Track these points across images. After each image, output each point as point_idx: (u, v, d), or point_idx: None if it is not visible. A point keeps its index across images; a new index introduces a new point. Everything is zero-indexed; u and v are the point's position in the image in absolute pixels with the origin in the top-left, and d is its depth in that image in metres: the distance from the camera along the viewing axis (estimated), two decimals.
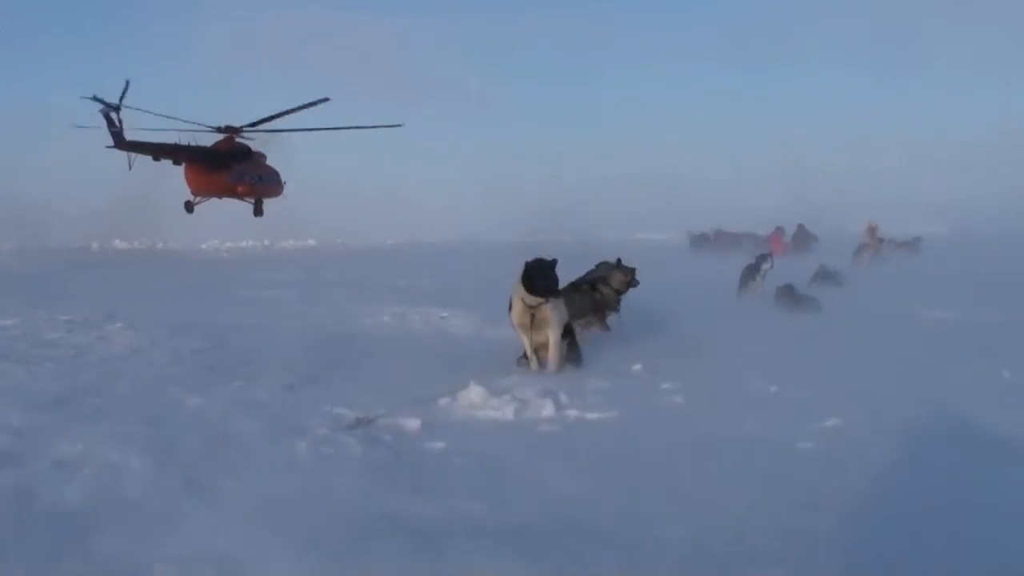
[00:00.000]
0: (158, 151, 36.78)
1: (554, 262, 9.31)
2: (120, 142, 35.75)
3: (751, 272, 17.23)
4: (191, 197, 39.51)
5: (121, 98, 34.99)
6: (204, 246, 61.81)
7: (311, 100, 36.99)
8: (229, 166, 38.08)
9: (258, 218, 40.61)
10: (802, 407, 7.41)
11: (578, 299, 10.90)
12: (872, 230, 32.14)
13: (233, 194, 38.33)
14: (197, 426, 7.10)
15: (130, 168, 37.03)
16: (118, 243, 62.70)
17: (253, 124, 38.09)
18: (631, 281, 11.41)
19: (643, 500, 5.25)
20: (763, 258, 17.33)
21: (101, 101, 34.71)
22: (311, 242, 69.06)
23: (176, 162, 37.84)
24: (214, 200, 40.22)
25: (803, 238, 40.88)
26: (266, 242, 68.03)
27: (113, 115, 34.86)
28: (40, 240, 61.93)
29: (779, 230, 41.07)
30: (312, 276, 28.69)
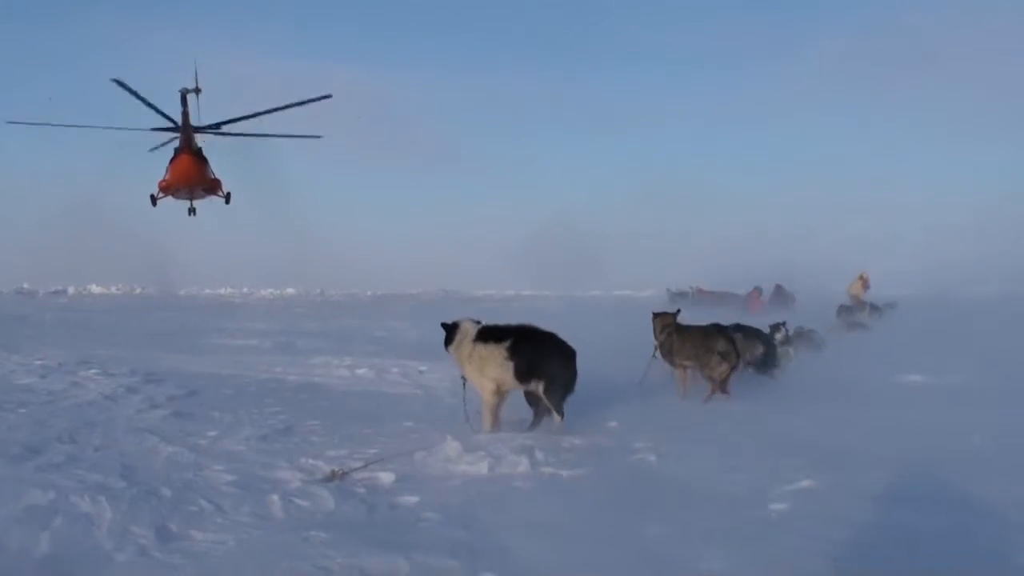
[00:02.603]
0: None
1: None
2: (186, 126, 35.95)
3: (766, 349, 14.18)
4: (163, 192, 39.36)
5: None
6: (182, 292, 61.62)
7: (312, 97, 37.20)
8: (207, 161, 38.29)
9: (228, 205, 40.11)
10: (776, 467, 7.45)
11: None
12: (863, 281, 32.36)
13: (210, 188, 38.27)
14: (170, 476, 7.08)
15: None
16: (94, 287, 62.39)
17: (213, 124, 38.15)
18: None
19: (618, 559, 5.27)
20: (776, 328, 15.19)
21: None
22: (290, 291, 68.89)
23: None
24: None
25: (781, 298, 41.11)
26: (244, 290, 67.88)
27: (191, 96, 35.00)
28: (16, 282, 61.67)
29: (757, 289, 41.34)
30: (290, 325, 28.61)
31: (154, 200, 39.36)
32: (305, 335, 23.93)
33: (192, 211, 39.41)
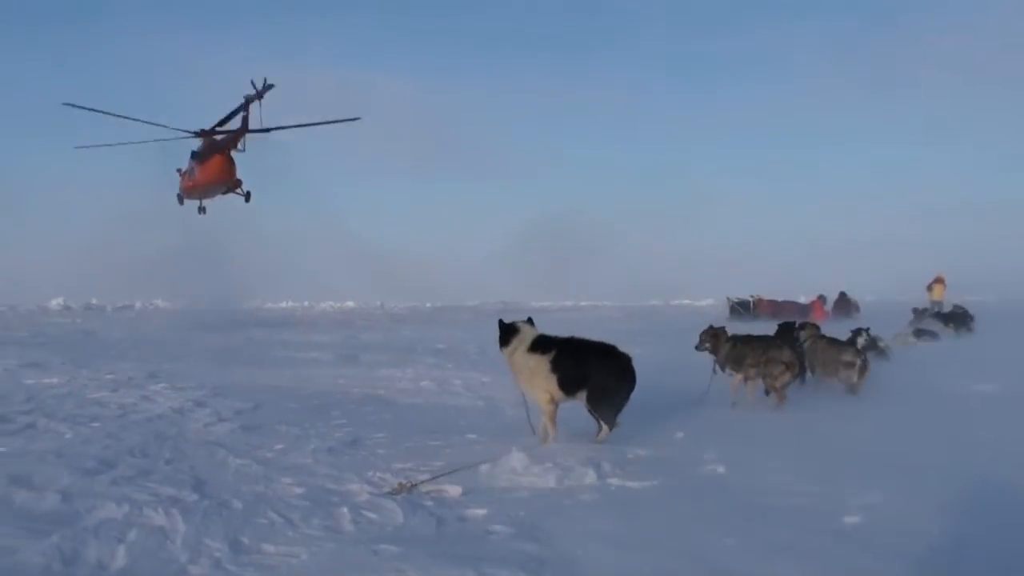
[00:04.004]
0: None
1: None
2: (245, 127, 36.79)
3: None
4: (190, 191, 40.12)
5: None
6: (244, 306, 62.41)
7: (342, 118, 37.96)
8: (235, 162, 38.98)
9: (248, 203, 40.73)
10: (847, 479, 7.33)
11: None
12: (941, 281, 31.75)
13: (235, 185, 38.98)
14: (241, 489, 7.15)
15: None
16: (160, 302, 63.38)
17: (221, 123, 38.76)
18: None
19: (688, 572, 5.21)
20: (858, 332, 16.23)
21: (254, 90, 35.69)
22: (350, 303, 69.44)
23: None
24: None
25: (844, 305, 40.56)
26: (305, 303, 68.54)
27: (255, 103, 35.86)
28: (84, 298, 62.92)
29: (821, 297, 40.80)
30: (352, 338, 28.81)
31: (181, 199, 40.31)
32: (367, 348, 24.09)
33: (202, 210, 40.36)
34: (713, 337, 12.22)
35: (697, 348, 12.41)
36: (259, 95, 35.21)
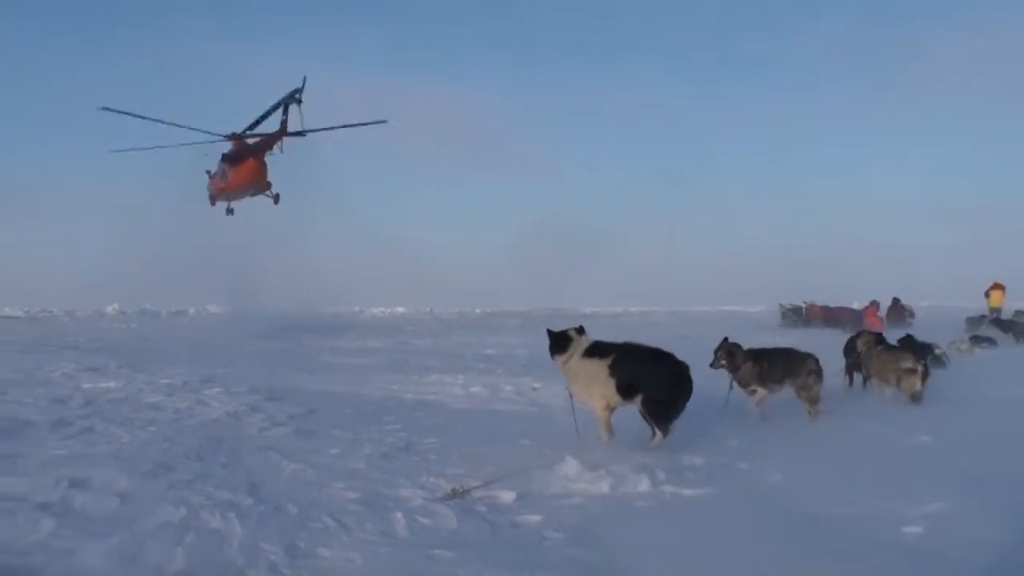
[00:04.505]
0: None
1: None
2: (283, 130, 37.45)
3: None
4: (222, 193, 40.68)
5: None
6: (295, 311, 62.93)
7: (368, 121, 38.34)
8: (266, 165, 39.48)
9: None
10: (905, 488, 7.20)
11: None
12: (999, 287, 31.12)
13: (266, 187, 39.50)
14: (295, 493, 7.20)
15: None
16: (213, 307, 64.17)
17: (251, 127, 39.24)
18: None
19: None
20: (908, 339, 15.50)
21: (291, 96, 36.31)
22: (400, 309, 69.82)
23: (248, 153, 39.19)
24: None
25: (898, 312, 39.94)
26: (356, 308, 69.01)
27: (294, 106, 36.49)
28: (139, 303, 63.94)
29: (874, 304, 40.20)
30: (403, 343, 28.95)
31: (213, 200, 40.86)
32: (418, 353, 24.21)
33: (230, 211, 40.89)
34: (729, 355, 11.77)
35: (712, 366, 11.54)
36: (298, 99, 35.63)
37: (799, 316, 43.55)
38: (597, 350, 9.20)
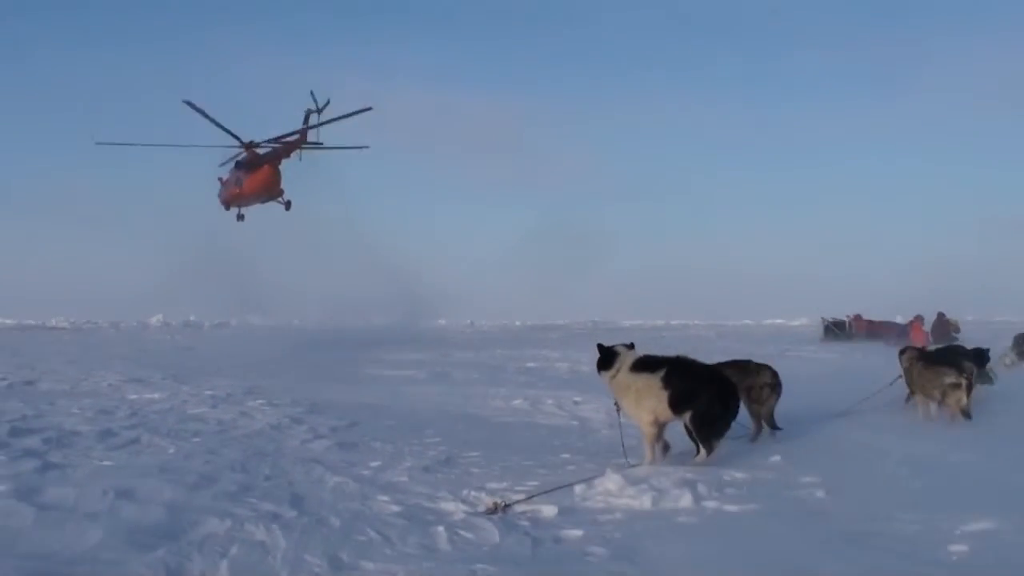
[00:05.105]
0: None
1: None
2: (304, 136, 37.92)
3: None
4: (236, 199, 41.08)
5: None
6: (336, 323, 63.31)
7: (355, 110, 38.62)
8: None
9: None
10: (951, 506, 7.09)
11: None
12: None
13: (278, 194, 39.90)
14: (338, 506, 7.24)
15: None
16: (254, 319, 64.72)
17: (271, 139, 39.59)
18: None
19: None
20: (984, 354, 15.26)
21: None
22: (441, 321, 69.91)
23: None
24: None
25: (943, 327, 39.33)
26: (398, 320, 69.19)
27: (314, 116, 36.96)
28: (184, 315, 64.69)
29: (919, 318, 39.63)
30: (444, 356, 29.00)
31: (227, 206, 41.31)
32: (459, 365, 24.26)
33: (241, 217, 41.31)
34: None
35: None
36: (319, 109, 36.03)
37: (842, 330, 43.03)
38: (647, 364, 9.16)
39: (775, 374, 11.01)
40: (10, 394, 15.71)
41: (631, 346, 9.47)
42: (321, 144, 37.83)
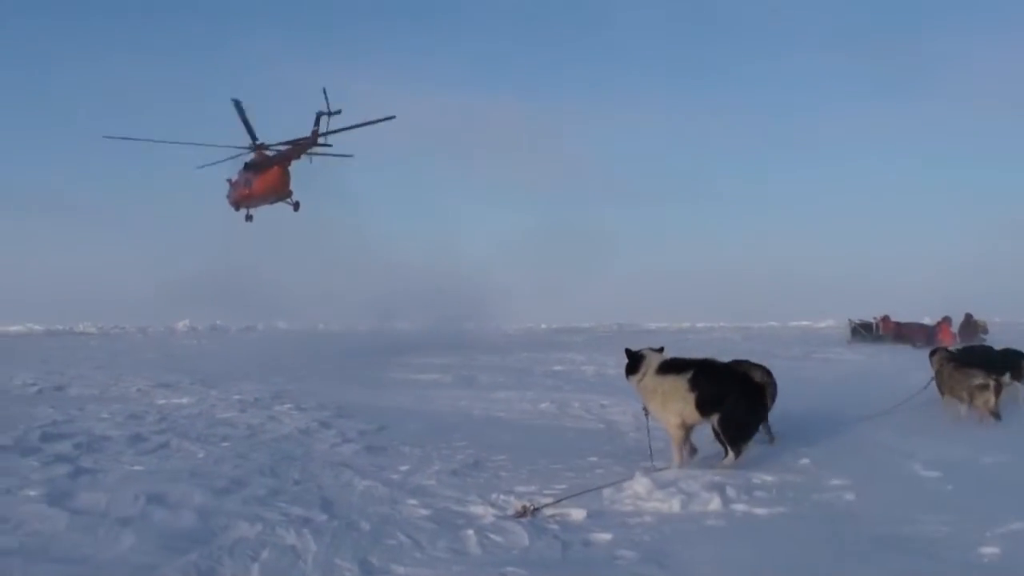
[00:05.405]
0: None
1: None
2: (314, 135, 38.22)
3: None
4: (245, 199, 41.28)
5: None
6: (360, 328, 63.49)
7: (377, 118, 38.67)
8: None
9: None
10: (981, 508, 7.05)
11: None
12: None
13: (287, 195, 40.06)
14: (367, 509, 7.27)
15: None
16: (281, 324, 65.00)
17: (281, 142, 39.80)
18: None
19: None
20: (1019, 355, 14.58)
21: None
22: (468, 325, 69.81)
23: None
24: None
25: (970, 328, 38.95)
26: (423, 324, 69.23)
27: (325, 118, 37.19)
28: (210, 319, 65.07)
29: (946, 319, 39.28)
30: (469, 359, 29.01)
31: (236, 207, 41.50)
32: (485, 369, 24.25)
33: (249, 218, 41.46)
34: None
35: None
36: (331, 111, 36.14)
37: (869, 332, 42.62)
38: (673, 366, 9.15)
39: (768, 373, 10.98)
40: (40, 399, 15.87)
41: (660, 349, 9.46)
42: (330, 146, 37.88)
